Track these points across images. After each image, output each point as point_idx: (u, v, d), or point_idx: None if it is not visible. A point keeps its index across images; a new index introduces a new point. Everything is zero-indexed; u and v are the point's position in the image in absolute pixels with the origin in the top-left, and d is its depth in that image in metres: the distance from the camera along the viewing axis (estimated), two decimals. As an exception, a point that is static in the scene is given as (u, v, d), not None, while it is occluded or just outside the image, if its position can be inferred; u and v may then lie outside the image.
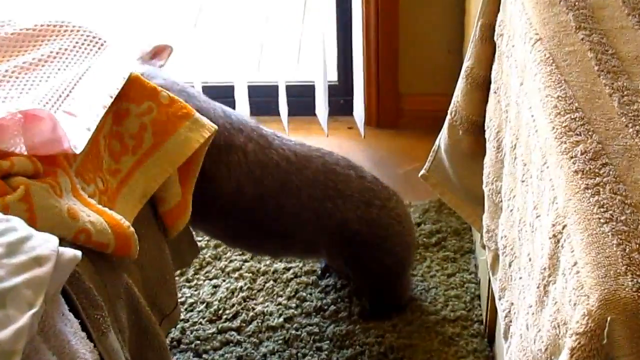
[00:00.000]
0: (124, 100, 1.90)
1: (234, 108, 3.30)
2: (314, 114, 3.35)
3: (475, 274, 2.60)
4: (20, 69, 1.90)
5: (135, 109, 1.91)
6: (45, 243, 1.35)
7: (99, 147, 1.83)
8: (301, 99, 3.39)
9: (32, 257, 1.31)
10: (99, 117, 1.77)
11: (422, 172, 2.25)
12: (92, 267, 1.65)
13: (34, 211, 1.54)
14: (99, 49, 2.01)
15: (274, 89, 3.33)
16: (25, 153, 1.61)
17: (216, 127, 1.99)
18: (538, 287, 1.26)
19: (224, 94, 3.35)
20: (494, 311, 2.25)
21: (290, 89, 3.34)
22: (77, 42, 2.00)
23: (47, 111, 1.64)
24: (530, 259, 1.38)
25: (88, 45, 2.01)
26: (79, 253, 1.42)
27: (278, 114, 3.36)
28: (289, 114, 3.33)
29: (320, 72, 3.24)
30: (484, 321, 2.40)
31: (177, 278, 2.50)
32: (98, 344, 1.57)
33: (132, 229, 1.71)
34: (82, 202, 1.67)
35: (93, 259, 1.67)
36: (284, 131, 3.32)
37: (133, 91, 1.92)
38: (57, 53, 1.96)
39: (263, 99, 3.40)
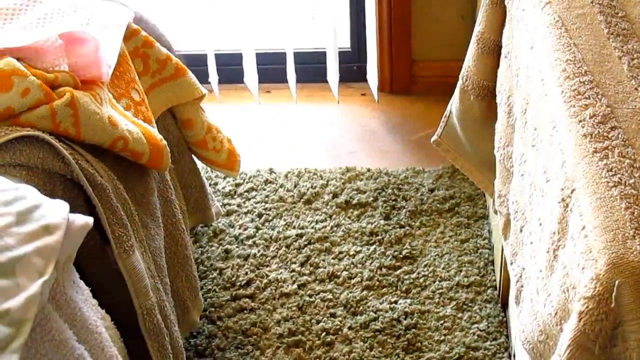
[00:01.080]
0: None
1: (242, 76, 3.30)
2: (326, 81, 3.34)
3: (489, 239, 2.60)
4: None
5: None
6: (55, 211, 1.35)
7: (127, 63, 1.99)
8: (312, 66, 3.38)
9: (42, 225, 1.32)
10: (120, 39, 1.95)
11: (434, 137, 2.25)
12: (122, 185, 1.74)
13: (78, 116, 1.67)
14: None
15: (283, 55, 3.31)
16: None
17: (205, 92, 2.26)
18: (548, 252, 1.26)
19: (232, 61, 3.35)
20: (507, 277, 2.25)
21: (300, 56, 3.32)
22: None
23: (92, 34, 1.77)
24: (540, 224, 1.38)
25: None
26: (90, 220, 1.42)
27: (286, 81, 3.35)
28: (301, 81, 3.32)
29: (331, 39, 3.22)
30: (498, 286, 2.40)
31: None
32: (119, 261, 1.63)
33: (164, 142, 1.86)
34: (119, 113, 1.80)
35: (125, 176, 1.78)
36: (292, 99, 3.31)
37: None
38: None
39: (272, 67, 3.39)
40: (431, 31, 3.27)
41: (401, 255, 2.56)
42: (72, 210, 1.42)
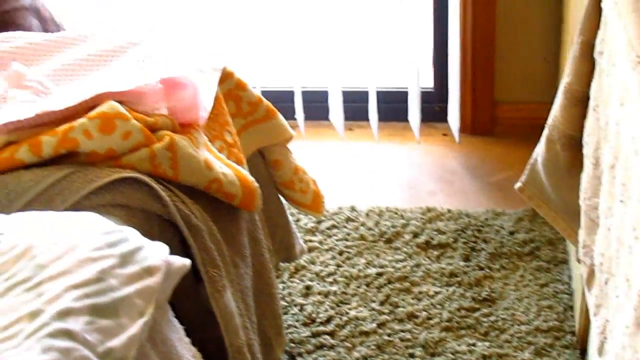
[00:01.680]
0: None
1: (327, 113, 3.36)
2: (407, 120, 3.37)
3: (569, 284, 2.60)
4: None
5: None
6: (156, 253, 1.41)
7: (221, 105, 2.07)
8: (394, 105, 3.42)
9: (143, 267, 1.38)
10: (216, 83, 2.04)
11: (518, 184, 2.26)
12: (215, 227, 1.81)
13: (176, 159, 1.75)
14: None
15: (366, 94, 3.36)
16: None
17: (294, 134, 2.30)
18: (635, 310, 1.27)
19: (318, 98, 3.41)
20: (587, 323, 2.25)
21: (383, 95, 3.36)
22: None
23: (191, 79, 1.85)
24: (627, 280, 1.39)
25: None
26: (187, 262, 1.48)
27: (368, 119, 3.40)
28: (383, 120, 3.36)
29: (414, 79, 3.26)
30: (577, 333, 2.40)
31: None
32: (212, 301, 1.68)
33: (256, 184, 1.92)
34: (214, 156, 1.87)
35: (218, 217, 1.84)
36: (373, 138, 3.35)
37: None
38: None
39: (355, 105, 3.44)
40: (514, 73, 3.29)
41: (480, 298, 2.58)
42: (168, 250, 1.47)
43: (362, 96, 3.39)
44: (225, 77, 2.13)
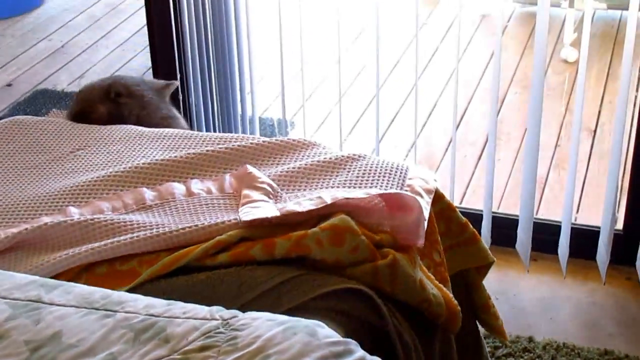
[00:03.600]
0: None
1: (514, 242, 3.39)
2: (594, 259, 3.37)
3: None
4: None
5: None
6: (375, 368, 1.48)
7: (433, 224, 2.14)
8: (583, 242, 3.41)
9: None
10: (430, 205, 2.12)
11: None
12: (419, 348, 1.89)
13: (396, 276, 1.84)
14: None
15: (557, 227, 3.37)
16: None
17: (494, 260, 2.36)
18: None
19: (506, 224, 3.45)
20: None
21: (574, 230, 3.37)
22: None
23: (417, 203, 1.93)
24: None
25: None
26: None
27: (556, 253, 3.40)
28: (571, 255, 3.36)
29: (608, 219, 3.27)
30: None
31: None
32: None
33: (459, 307, 1.98)
34: (426, 276, 1.95)
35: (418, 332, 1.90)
36: (559, 271, 3.35)
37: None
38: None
39: (543, 236, 3.45)
40: None
41: None
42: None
43: (552, 229, 3.41)
44: (438, 198, 2.21)
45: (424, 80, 4.75)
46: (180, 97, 3.63)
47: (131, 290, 1.77)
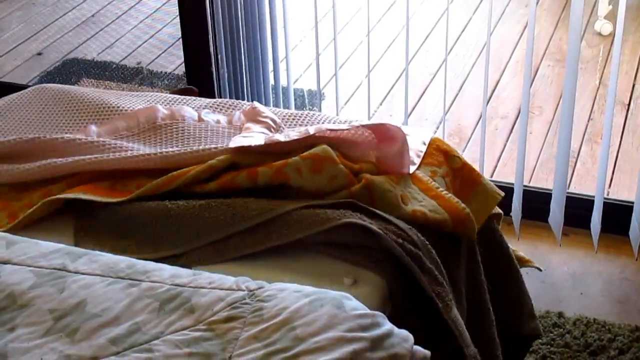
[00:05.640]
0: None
1: (546, 214, 3.35)
2: (627, 235, 3.32)
3: None
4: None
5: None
6: (403, 342, 1.46)
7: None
8: (616, 217, 3.37)
9: (390, 354, 1.43)
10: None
11: None
12: (432, 252, 1.91)
13: (373, 196, 1.92)
14: None
15: (589, 202, 3.33)
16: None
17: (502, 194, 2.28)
18: None
19: (539, 198, 3.41)
20: None
21: (607, 205, 3.32)
22: None
23: (402, 134, 2.01)
24: None
25: None
26: (428, 353, 1.52)
27: (588, 228, 3.36)
28: (603, 231, 3.32)
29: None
30: None
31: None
32: (445, 315, 1.76)
33: (467, 210, 2.00)
34: (420, 188, 2.01)
35: (434, 245, 1.94)
36: (591, 247, 3.31)
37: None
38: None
39: (574, 211, 3.41)
40: None
41: None
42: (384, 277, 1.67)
43: (584, 203, 3.36)
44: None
45: (455, 53, 4.69)
46: (213, 69, 3.61)
47: (126, 204, 1.95)
